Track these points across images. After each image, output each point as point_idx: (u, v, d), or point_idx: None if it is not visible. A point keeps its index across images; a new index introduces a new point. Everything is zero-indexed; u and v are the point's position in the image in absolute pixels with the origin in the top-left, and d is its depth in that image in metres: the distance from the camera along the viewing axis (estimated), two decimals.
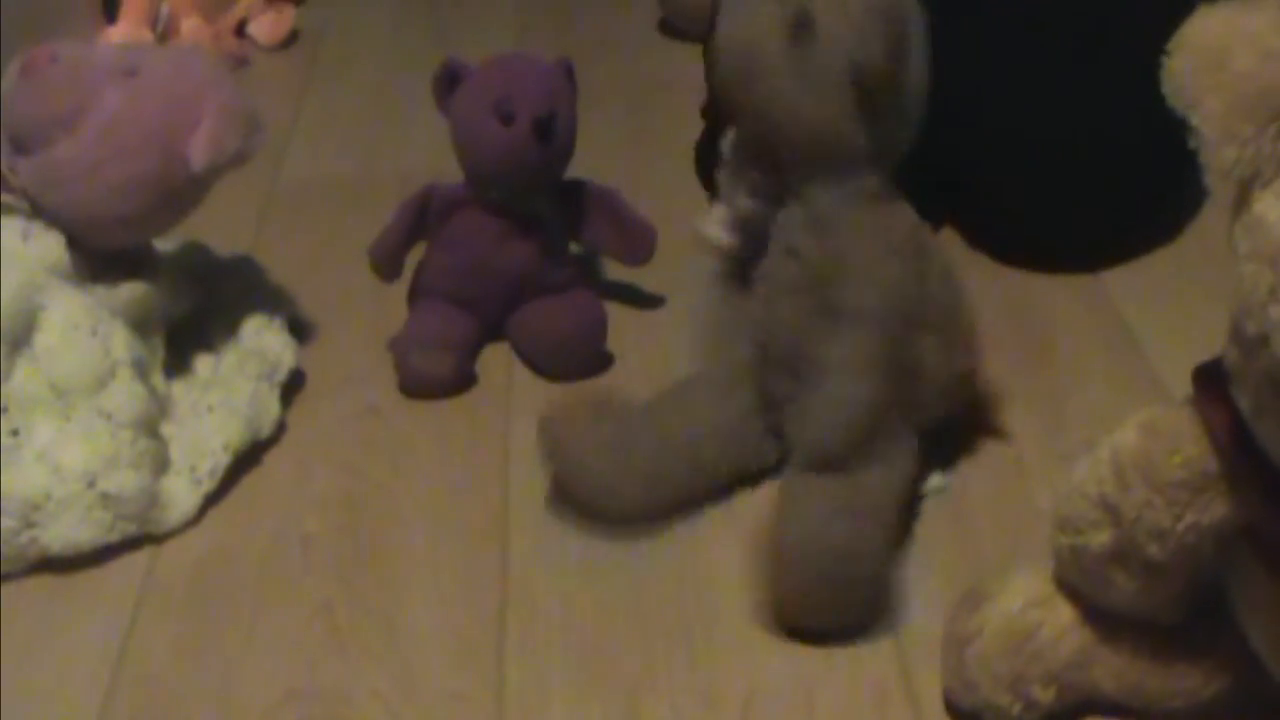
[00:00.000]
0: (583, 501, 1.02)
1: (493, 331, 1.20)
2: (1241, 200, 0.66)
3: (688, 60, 1.51)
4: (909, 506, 0.99)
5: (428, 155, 1.52)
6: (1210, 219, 1.31)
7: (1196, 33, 0.66)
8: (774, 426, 1.03)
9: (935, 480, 1.03)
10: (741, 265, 1.02)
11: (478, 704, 0.88)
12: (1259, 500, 0.71)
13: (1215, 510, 0.73)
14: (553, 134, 1.13)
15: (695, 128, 1.41)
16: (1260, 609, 0.75)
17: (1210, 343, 0.74)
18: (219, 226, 1.26)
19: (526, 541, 1.01)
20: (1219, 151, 0.65)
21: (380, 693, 0.89)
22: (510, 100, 1.12)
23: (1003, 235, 1.30)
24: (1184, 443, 0.74)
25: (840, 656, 0.90)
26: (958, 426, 1.06)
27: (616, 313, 1.21)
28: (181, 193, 1.08)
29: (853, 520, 0.91)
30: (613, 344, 1.18)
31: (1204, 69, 0.65)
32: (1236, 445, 0.71)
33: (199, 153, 1.05)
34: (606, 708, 0.88)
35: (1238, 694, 0.81)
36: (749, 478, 1.04)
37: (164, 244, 1.17)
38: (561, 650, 0.92)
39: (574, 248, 1.21)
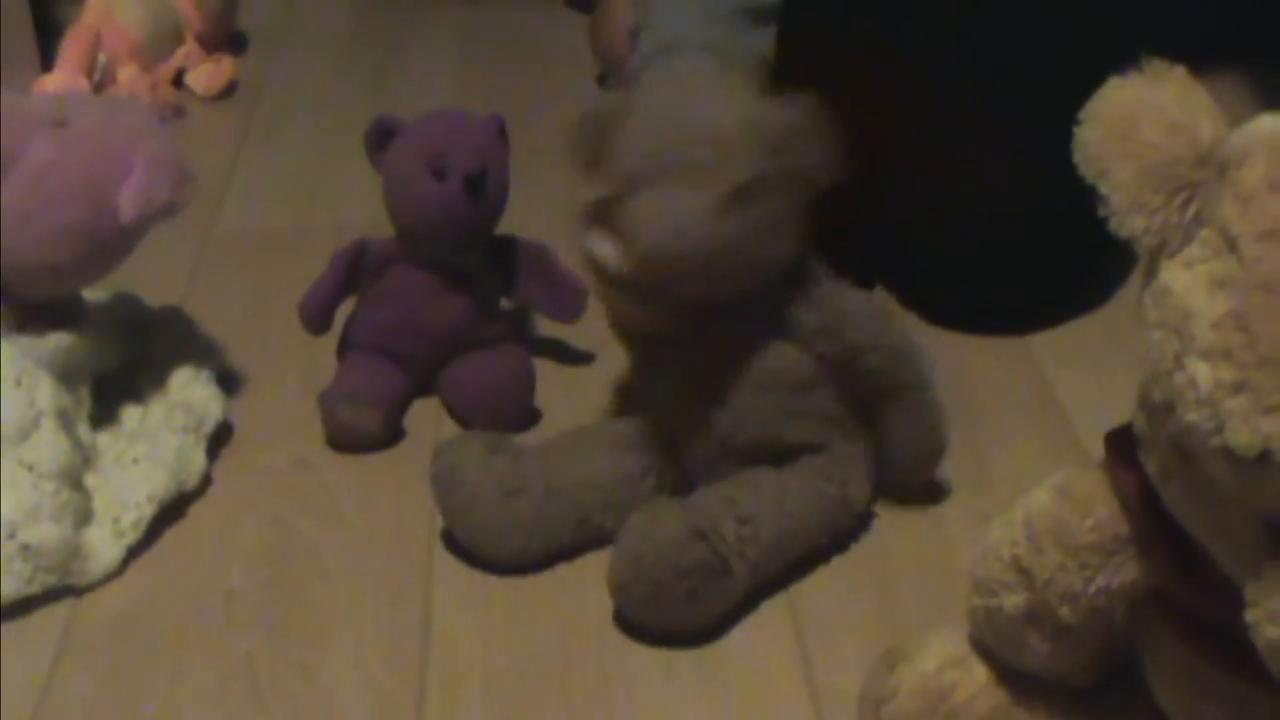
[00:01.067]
0: (467, 538, 1.03)
1: (422, 386, 1.20)
2: (1150, 269, 0.67)
3: None
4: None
5: (364, 209, 1.52)
6: (1138, 287, 1.33)
7: (1106, 104, 0.68)
8: (666, 487, 1.05)
9: None
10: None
11: None
12: (1166, 564, 0.72)
13: (1126, 574, 0.74)
14: (484, 190, 1.13)
15: None
16: (1168, 672, 0.76)
17: (1133, 408, 0.75)
18: (152, 277, 1.27)
19: (450, 598, 1.01)
20: (1127, 220, 0.66)
21: None
22: (443, 156, 1.13)
23: (932, 297, 1.31)
24: (1096, 506, 0.75)
25: (758, 715, 0.91)
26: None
27: (546, 368, 1.22)
28: (111, 243, 1.08)
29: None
30: (542, 400, 1.18)
31: (1113, 139, 0.66)
32: (1145, 509, 0.72)
33: (128, 204, 1.06)
34: None
35: None
36: None
37: (94, 294, 1.17)
38: (482, 707, 0.92)
39: (505, 303, 1.22)
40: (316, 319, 1.18)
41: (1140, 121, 0.66)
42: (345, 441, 1.16)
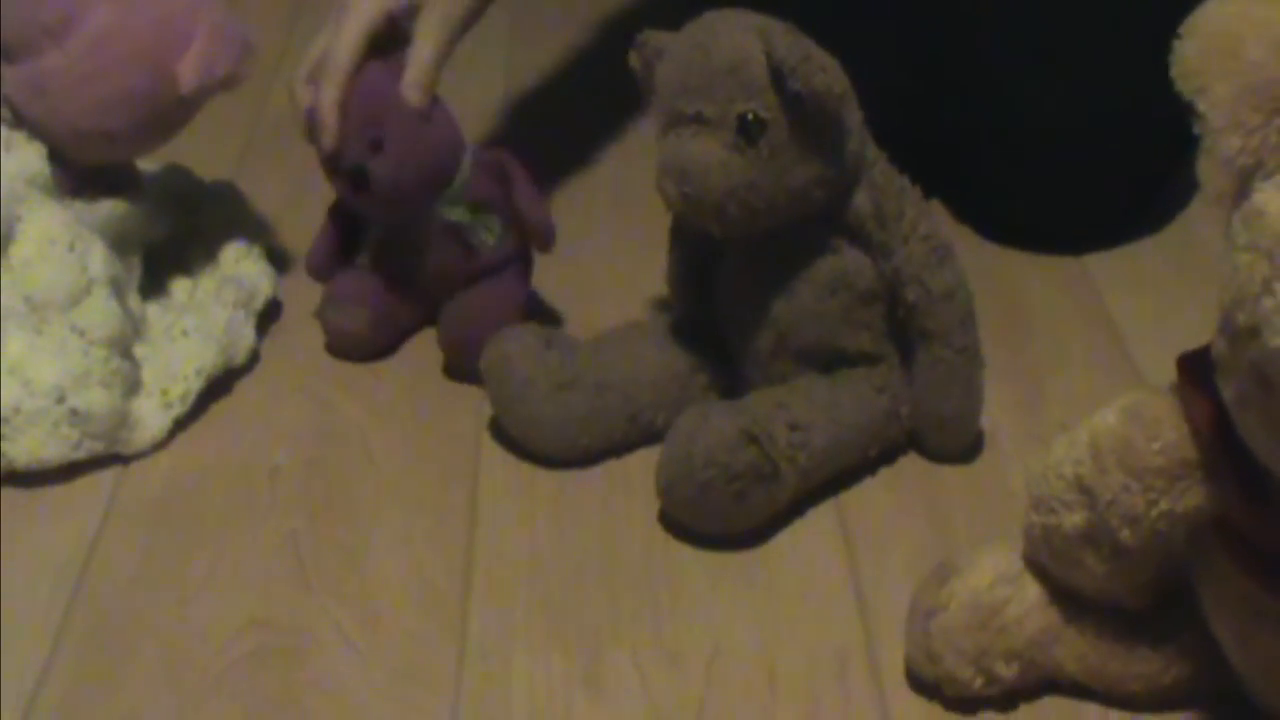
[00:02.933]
0: (517, 430, 1.02)
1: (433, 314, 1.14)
2: (1242, 190, 0.66)
3: None
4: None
5: None
6: (1198, 212, 1.31)
7: (1210, 19, 0.66)
8: (717, 387, 1.05)
9: None
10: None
11: (438, 646, 0.88)
12: (1234, 492, 0.71)
13: (1190, 499, 0.74)
14: (370, 181, 1.06)
15: None
16: (1224, 601, 0.76)
17: (1190, 333, 0.74)
18: (203, 152, 1.25)
19: (497, 486, 1.01)
20: (1223, 139, 0.65)
21: (341, 627, 0.89)
22: (340, 154, 1.07)
23: (989, 212, 1.30)
24: (1164, 429, 0.74)
25: (804, 622, 0.90)
26: None
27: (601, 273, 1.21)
28: (168, 113, 1.07)
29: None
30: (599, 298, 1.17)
31: (1214, 55, 0.65)
32: (1216, 435, 0.71)
33: (189, 73, 1.04)
34: (568, 659, 0.87)
35: (1197, 681, 0.82)
36: None
37: (147, 165, 1.16)
38: (526, 598, 0.92)
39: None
40: (321, 271, 1.14)
41: (1245, 38, 0.64)
42: (337, 345, 1.13)
